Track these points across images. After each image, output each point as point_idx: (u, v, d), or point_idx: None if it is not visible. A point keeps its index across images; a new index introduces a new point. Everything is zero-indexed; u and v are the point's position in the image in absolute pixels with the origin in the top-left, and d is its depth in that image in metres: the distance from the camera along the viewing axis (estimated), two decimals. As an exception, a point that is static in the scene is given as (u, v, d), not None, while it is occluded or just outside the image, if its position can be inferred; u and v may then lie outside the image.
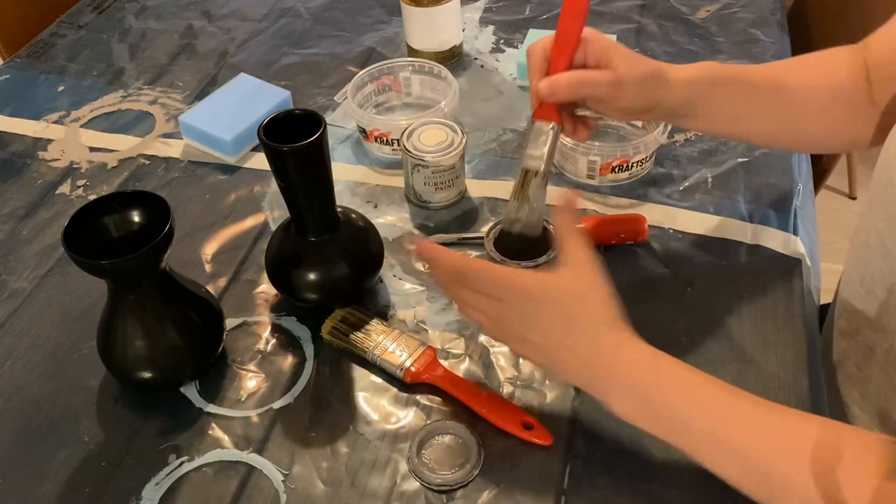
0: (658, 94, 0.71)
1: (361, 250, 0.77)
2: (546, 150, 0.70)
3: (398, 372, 0.72)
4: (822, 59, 0.77)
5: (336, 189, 0.74)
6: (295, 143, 0.66)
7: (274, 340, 0.78)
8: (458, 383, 0.71)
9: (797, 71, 0.76)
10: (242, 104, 1.01)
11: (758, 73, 0.76)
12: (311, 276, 0.75)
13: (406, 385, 0.72)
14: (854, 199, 2.10)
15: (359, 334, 0.75)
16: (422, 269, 0.83)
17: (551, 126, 0.70)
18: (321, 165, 0.69)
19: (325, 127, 0.67)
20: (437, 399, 0.72)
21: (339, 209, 0.76)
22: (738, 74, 0.75)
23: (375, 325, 0.76)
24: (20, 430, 0.72)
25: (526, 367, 0.73)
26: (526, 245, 0.75)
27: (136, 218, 0.68)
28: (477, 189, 0.92)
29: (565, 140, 0.89)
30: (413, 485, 0.66)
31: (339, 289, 0.76)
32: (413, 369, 0.72)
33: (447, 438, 0.68)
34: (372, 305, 0.80)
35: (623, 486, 0.65)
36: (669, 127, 0.91)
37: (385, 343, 0.74)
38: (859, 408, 0.78)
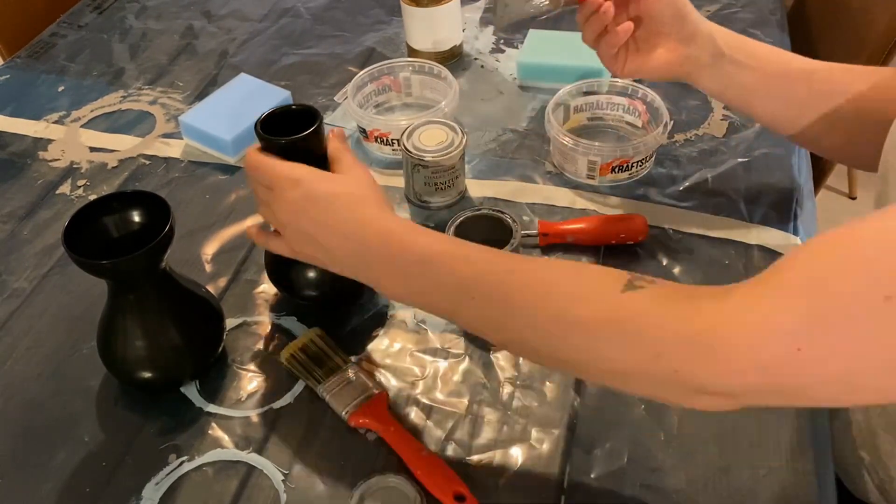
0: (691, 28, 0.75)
1: None
2: None
3: (343, 414, 0.70)
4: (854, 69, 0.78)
5: (336, 189, 0.74)
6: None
7: (274, 340, 0.78)
8: (399, 437, 0.68)
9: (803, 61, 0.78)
10: (243, 104, 1.01)
11: (773, 61, 0.78)
12: (311, 274, 0.75)
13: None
14: (854, 199, 2.10)
15: (314, 367, 0.72)
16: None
17: None
18: (318, 159, 0.69)
19: (321, 121, 0.67)
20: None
21: None
22: (752, 60, 0.78)
23: (335, 359, 0.73)
24: (20, 429, 0.72)
25: (526, 366, 0.74)
26: (485, 236, 0.74)
27: (136, 218, 0.68)
28: (477, 189, 0.92)
29: (565, 140, 0.89)
30: (413, 485, 0.66)
31: (339, 285, 0.76)
32: (357, 414, 0.69)
33: (392, 494, 0.64)
34: (372, 305, 0.80)
35: (623, 486, 0.65)
36: (669, 127, 0.91)
37: (337, 381, 0.71)
38: (864, 416, 0.78)
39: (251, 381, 0.74)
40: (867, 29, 1.14)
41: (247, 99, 1.02)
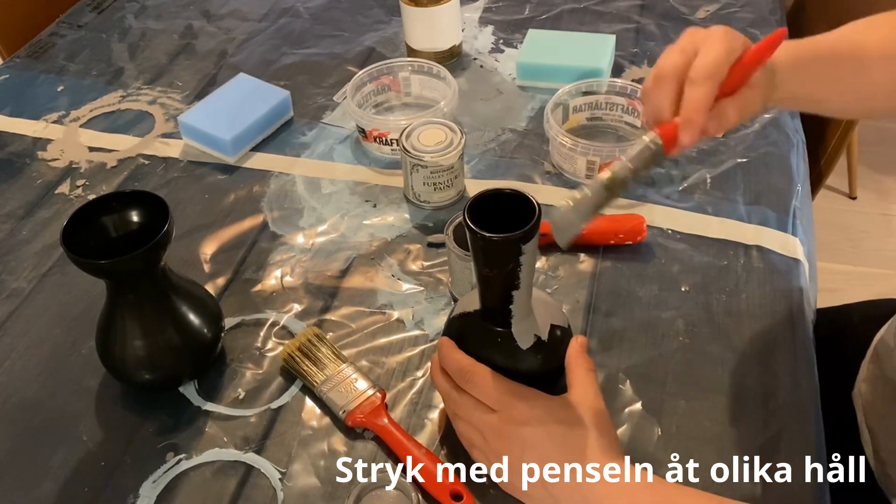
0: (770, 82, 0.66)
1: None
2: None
3: (340, 413, 0.70)
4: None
5: (335, 189, 0.73)
6: (499, 223, 0.56)
7: (272, 340, 0.78)
8: (397, 437, 0.68)
9: (878, 43, 0.73)
10: (242, 104, 1.01)
11: (840, 47, 0.73)
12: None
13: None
14: (854, 198, 2.10)
15: (311, 366, 0.72)
16: (418, 269, 0.84)
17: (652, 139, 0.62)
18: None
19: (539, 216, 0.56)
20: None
21: None
22: (820, 51, 0.71)
23: (333, 358, 0.73)
24: (19, 429, 0.72)
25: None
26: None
27: (135, 218, 0.68)
28: (476, 189, 0.92)
29: (564, 140, 0.89)
30: (411, 484, 0.66)
31: None
32: (354, 413, 0.69)
33: (389, 494, 0.64)
34: (371, 303, 0.80)
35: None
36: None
37: (335, 380, 0.71)
38: (868, 428, 0.78)
39: (249, 381, 0.74)
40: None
41: (246, 99, 1.02)
